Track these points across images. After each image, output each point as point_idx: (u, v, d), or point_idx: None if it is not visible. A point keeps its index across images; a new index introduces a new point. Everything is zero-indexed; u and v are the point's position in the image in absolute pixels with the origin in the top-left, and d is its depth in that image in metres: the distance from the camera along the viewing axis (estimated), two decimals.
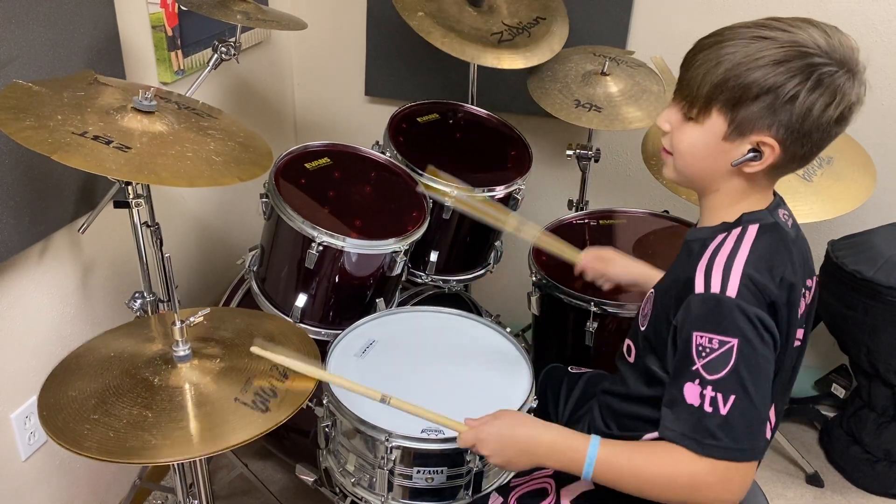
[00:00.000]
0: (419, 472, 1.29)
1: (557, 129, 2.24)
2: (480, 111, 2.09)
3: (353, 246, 1.57)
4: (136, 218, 1.44)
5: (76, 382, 1.18)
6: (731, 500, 1.01)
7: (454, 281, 1.94)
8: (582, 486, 1.22)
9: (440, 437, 1.26)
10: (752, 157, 1.02)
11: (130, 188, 1.38)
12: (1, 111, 1.16)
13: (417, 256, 1.85)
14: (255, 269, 1.74)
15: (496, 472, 1.36)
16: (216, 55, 1.66)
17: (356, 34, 2.40)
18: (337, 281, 1.63)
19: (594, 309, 1.66)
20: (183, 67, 1.86)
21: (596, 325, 1.68)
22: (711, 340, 0.98)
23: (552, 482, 1.26)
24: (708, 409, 0.97)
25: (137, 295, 1.54)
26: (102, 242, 1.69)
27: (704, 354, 0.98)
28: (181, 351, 1.22)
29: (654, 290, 1.18)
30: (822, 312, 2.10)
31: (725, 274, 1.00)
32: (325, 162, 1.76)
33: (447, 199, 1.72)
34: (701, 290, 1.01)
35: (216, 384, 1.20)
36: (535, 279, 1.78)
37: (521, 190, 1.88)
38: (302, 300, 1.64)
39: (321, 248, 1.55)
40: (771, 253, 1.03)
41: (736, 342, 0.97)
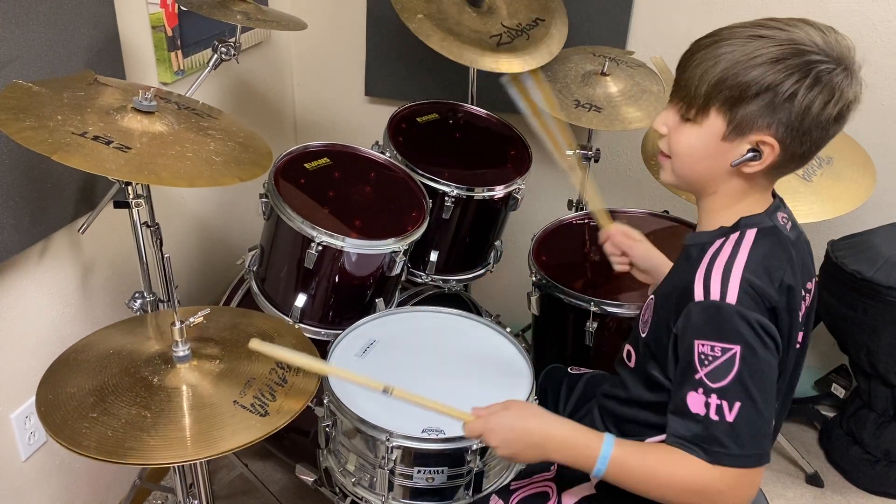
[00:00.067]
0: (420, 471, 1.29)
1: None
2: (480, 111, 2.09)
3: (352, 246, 1.57)
4: (136, 218, 1.44)
5: (75, 379, 1.18)
6: None
7: (454, 281, 1.94)
8: (583, 489, 1.21)
9: (441, 436, 1.26)
10: (751, 156, 1.02)
11: (130, 188, 1.38)
12: (1, 111, 1.16)
13: (417, 256, 1.85)
14: (254, 269, 1.74)
15: (497, 472, 1.37)
16: (216, 55, 1.66)
17: (356, 34, 2.40)
18: (336, 281, 1.64)
19: (594, 309, 1.66)
20: (183, 68, 1.86)
21: (596, 325, 1.67)
22: (713, 348, 0.98)
23: (553, 485, 1.25)
24: (714, 417, 0.97)
25: (137, 295, 1.54)
26: (102, 242, 1.69)
27: (707, 363, 0.98)
28: (181, 351, 1.22)
29: (653, 296, 1.17)
30: (822, 312, 2.10)
31: (724, 280, 1.00)
32: (324, 162, 1.76)
33: (524, 101, 1.66)
34: (700, 297, 1.00)
35: (215, 386, 1.20)
36: (534, 279, 1.78)
37: (520, 190, 1.89)
38: (301, 300, 1.64)
39: (321, 248, 1.55)
40: (770, 257, 1.03)
41: (738, 349, 0.97)
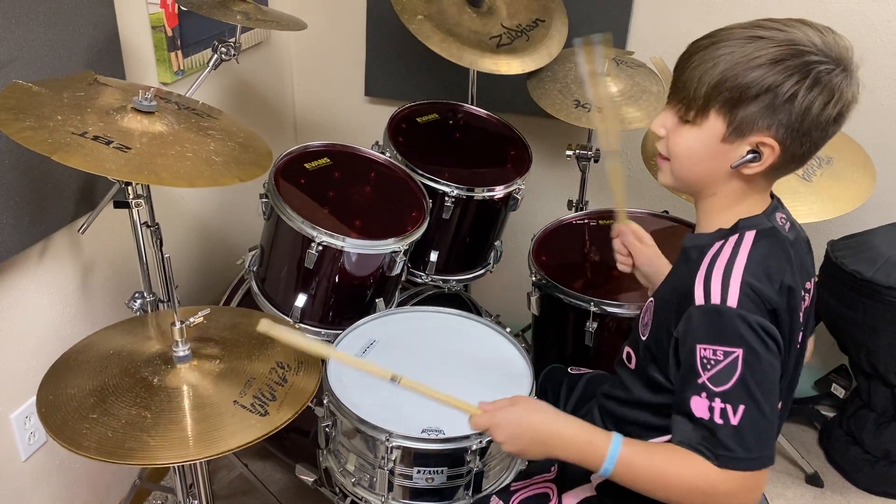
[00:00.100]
0: (419, 472, 1.29)
1: (557, 129, 2.23)
2: (480, 111, 2.09)
3: (352, 246, 1.57)
4: (136, 218, 1.45)
5: (75, 380, 1.18)
6: None
7: (454, 281, 1.94)
8: (584, 490, 1.21)
9: (441, 437, 1.26)
10: (751, 158, 1.02)
11: (130, 188, 1.38)
12: (1, 111, 1.16)
13: (417, 256, 1.85)
14: (254, 269, 1.74)
15: (496, 472, 1.37)
16: (216, 55, 1.66)
17: (356, 34, 2.40)
18: (337, 281, 1.64)
19: (594, 309, 1.66)
20: (183, 68, 1.86)
21: (596, 325, 1.67)
22: (716, 352, 0.97)
23: (554, 486, 1.25)
24: (718, 420, 0.97)
25: (137, 295, 1.54)
26: (102, 242, 1.69)
27: (710, 367, 0.98)
28: (181, 351, 1.22)
29: (653, 298, 1.17)
30: (822, 312, 2.10)
31: (724, 283, 0.99)
32: (324, 162, 1.76)
33: (588, 66, 1.60)
34: (701, 301, 1.00)
35: (215, 386, 1.20)
36: (534, 279, 1.78)
37: (520, 190, 1.89)
38: (302, 300, 1.64)
39: (321, 248, 1.55)
40: (769, 259, 1.02)
41: (740, 352, 0.96)
